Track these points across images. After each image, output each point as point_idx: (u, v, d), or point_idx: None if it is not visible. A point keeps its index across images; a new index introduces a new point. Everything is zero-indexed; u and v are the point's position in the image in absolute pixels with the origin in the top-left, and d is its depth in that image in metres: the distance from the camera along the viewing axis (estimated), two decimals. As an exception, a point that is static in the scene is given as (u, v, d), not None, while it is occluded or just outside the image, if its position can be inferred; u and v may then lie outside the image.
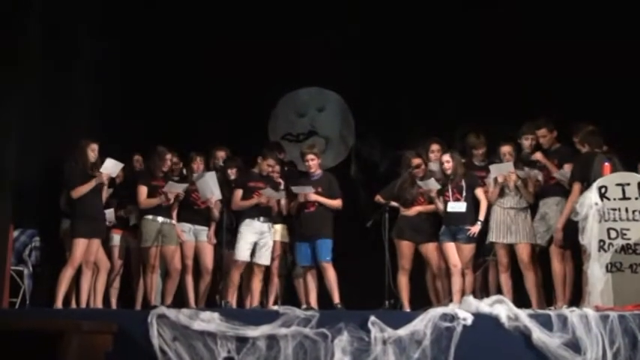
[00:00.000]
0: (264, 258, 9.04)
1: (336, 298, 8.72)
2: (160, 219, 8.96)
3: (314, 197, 8.85)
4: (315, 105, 11.41)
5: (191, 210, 9.21)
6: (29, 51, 9.20)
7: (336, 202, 8.99)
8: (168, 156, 9.09)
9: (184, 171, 9.35)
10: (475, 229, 8.61)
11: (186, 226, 9.21)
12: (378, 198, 9.05)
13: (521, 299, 8.13)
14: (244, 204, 9.04)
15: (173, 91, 10.80)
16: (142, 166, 9.56)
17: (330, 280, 8.77)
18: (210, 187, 8.97)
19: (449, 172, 8.74)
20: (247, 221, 9.01)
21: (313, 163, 9.00)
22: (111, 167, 8.68)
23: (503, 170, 8.48)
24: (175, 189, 8.92)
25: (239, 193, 9.12)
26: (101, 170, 8.59)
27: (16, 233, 9.34)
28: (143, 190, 8.99)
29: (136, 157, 9.68)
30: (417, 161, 8.94)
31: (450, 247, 8.63)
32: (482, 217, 8.64)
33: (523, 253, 8.50)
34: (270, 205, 9.06)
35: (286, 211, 9.10)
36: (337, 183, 9.08)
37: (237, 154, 9.63)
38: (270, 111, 11.43)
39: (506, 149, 8.69)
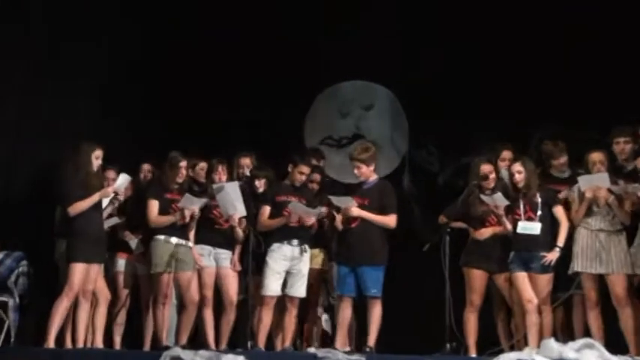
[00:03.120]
0: (298, 289, 8.98)
1: (372, 341, 8.68)
2: (174, 240, 8.94)
3: (356, 212, 8.74)
4: (361, 102, 11.42)
5: (211, 230, 9.18)
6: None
7: (386, 219, 8.85)
8: (183, 164, 9.05)
9: (203, 182, 9.32)
10: (552, 256, 8.49)
11: (206, 248, 9.18)
12: (442, 218, 8.95)
13: (614, 343, 8.01)
14: (271, 224, 9.02)
15: (188, 88, 10.90)
16: (151, 177, 9.61)
17: (372, 319, 8.72)
18: (232, 202, 8.93)
19: (520, 184, 8.59)
20: (275, 246, 8.95)
21: (362, 171, 8.87)
22: (124, 184, 8.74)
23: (596, 183, 8.32)
24: (193, 204, 8.87)
25: (266, 209, 9.09)
26: (115, 187, 8.65)
27: (0, 256, 9.34)
28: (154, 206, 8.98)
29: (145, 167, 9.70)
30: (486, 169, 8.85)
31: (522, 279, 8.52)
32: (561, 241, 8.52)
33: (617, 285, 8.34)
34: (307, 224, 8.96)
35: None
36: (394, 194, 8.97)
37: (266, 162, 9.65)
38: (307, 110, 11.45)
39: (596, 157, 8.53)
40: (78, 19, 9.96)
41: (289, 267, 8.93)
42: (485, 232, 8.77)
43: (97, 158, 8.73)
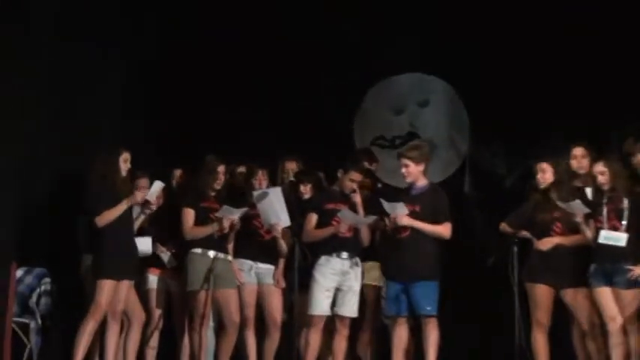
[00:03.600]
0: (349, 308, 8.77)
1: (431, 365, 8.53)
2: (212, 254, 8.77)
3: (405, 220, 8.48)
4: (417, 97, 11.12)
5: (252, 242, 9.04)
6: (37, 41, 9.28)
7: (440, 228, 8.61)
8: (221, 168, 8.92)
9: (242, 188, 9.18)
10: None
11: (246, 263, 9.03)
12: (504, 226, 8.75)
13: None
14: (318, 234, 8.83)
15: (224, 83, 10.76)
16: (184, 184, 9.51)
17: (429, 341, 8.48)
18: (275, 211, 8.79)
19: (605, 187, 8.27)
20: (323, 259, 8.75)
21: (410, 171, 8.63)
22: (156, 192, 8.75)
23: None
24: (232, 214, 8.70)
25: (313, 218, 8.90)
26: (147, 195, 8.62)
27: (19, 273, 9.10)
28: (190, 215, 8.85)
29: (177, 172, 9.61)
30: (543, 167, 8.69)
31: (605, 294, 8.20)
32: (652, 254, 8.19)
33: None
34: (362, 233, 8.82)
35: (368, 242, 8.94)
36: (447, 200, 8.73)
37: (312, 166, 9.58)
38: (356, 107, 11.16)
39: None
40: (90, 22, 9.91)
41: (339, 283, 8.74)
42: (547, 242, 8.51)
43: (125, 162, 8.65)
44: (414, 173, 8.63)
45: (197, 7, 10.77)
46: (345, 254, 8.75)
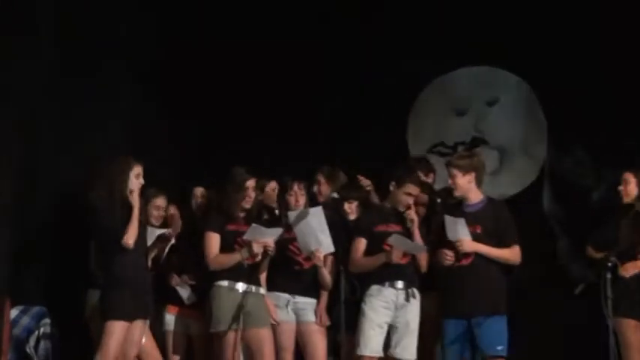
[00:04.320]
0: (406, 348, 8.31)
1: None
2: (241, 287, 8.22)
3: (468, 246, 8.15)
4: (484, 95, 10.70)
5: (288, 272, 8.60)
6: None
7: (508, 253, 8.25)
8: (251, 183, 8.38)
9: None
10: None
11: (282, 297, 8.56)
12: (589, 250, 8.55)
13: None
14: (368, 263, 8.43)
15: (251, 84, 10.49)
16: (207, 204, 9.06)
17: None
18: (315, 234, 8.36)
19: None
20: (374, 290, 8.31)
21: (457, 182, 8.31)
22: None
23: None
24: (264, 235, 8.19)
25: (361, 244, 8.47)
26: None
27: (14, 313, 8.73)
28: (214, 241, 8.32)
29: (197, 191, 9.15)
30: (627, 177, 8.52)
31: None
32: None
33: None
34: (419, 259, 8.41)
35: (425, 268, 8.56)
36: (511, 217, 8.36)
37: (358, 180, 9.08)
38: (410, 107, 10.69)
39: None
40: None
41: (393, 318, 8.30)
42: (631, 268, 8.22)
43: (137, 177, 8.08)
44: (463, 186, 8.27)
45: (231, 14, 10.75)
46: (400, 283, 8.30)
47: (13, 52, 8.79)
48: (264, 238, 8.19)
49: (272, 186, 8.80)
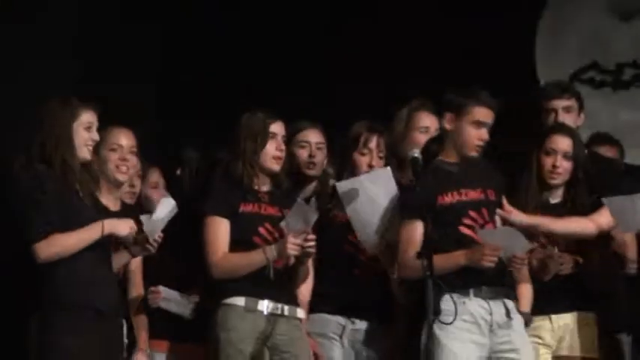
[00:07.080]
0: None
1: None
2: (266, 306, 6.21)
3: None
4: None
5: (344, 280, 6.73)
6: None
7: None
8: (279, 128, 6.52)
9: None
10: None
11: (332, 322, 6.65)
12: None
13: None
14: (436, 265, 7.25)
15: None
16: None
17: None
18: (384, 213, 6.56)
19: None
20: (451, 302, 6.76)
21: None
22: (167, 216, 6.27)
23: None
24: (308, 217, 6.28)
25: (416, 229, 6.72)
26: (153, 217, 6.25)
27: None
28: (220, 230, 6.33)
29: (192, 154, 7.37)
30: None
31: None
32: None
33: None
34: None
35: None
36: None
37: None
38: (541, 11, 8.45)
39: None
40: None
41: (491, 348, 6.45)
42: None
43: (87, 129, 5.94)
44: None
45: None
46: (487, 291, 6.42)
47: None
48: (302, 226, 5.96)
49: (312, 135, 6.36)
